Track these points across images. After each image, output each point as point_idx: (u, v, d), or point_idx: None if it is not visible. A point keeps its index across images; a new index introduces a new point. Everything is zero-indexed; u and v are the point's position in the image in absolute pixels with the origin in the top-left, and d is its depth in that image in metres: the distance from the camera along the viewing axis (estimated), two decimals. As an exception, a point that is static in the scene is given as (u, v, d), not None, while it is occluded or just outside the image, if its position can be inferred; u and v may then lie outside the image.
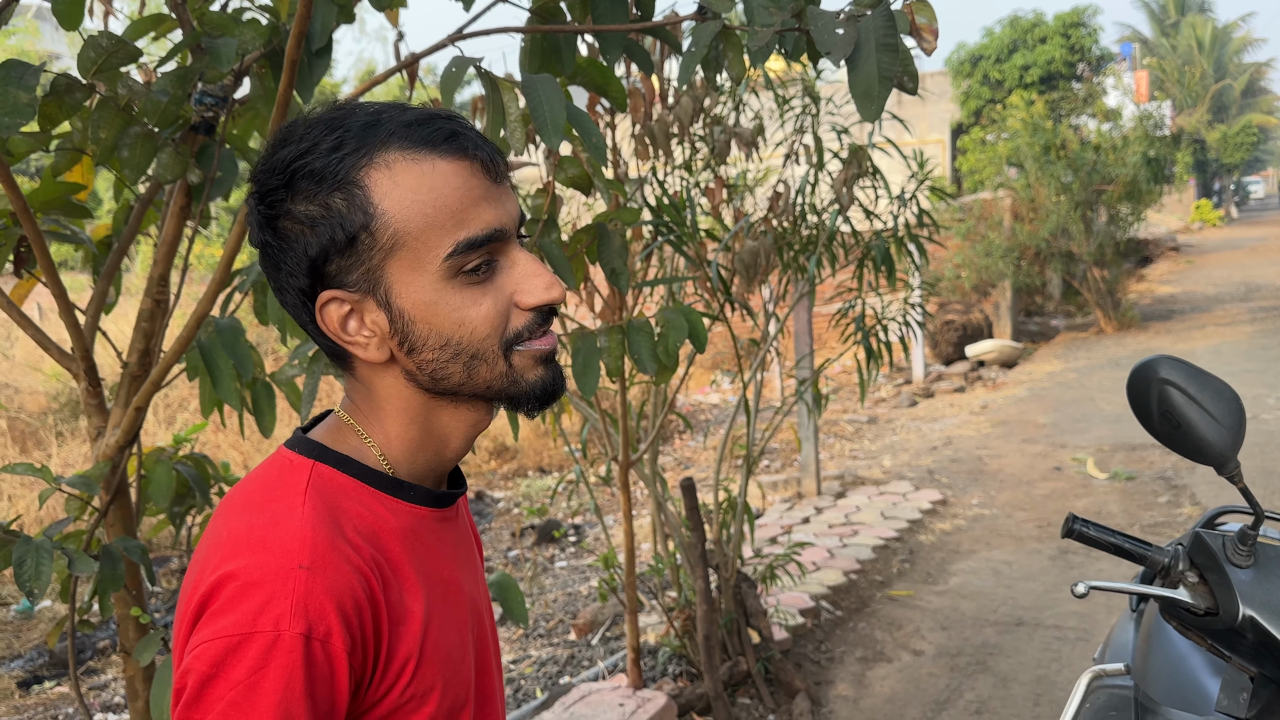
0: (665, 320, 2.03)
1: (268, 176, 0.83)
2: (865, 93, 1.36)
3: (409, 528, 0.87)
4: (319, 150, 0.81)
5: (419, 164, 0.82)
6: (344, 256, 0.82)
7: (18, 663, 4.42)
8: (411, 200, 0.81)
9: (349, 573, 0.79)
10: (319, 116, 0.84)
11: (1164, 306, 13.60)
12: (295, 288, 0.84)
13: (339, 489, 0.85)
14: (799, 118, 3.71)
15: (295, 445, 0.88)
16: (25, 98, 1.54)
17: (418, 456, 0.89)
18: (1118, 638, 1.88)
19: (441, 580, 0.89)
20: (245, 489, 0.86)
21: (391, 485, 0.87)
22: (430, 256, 0.82)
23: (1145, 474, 6.15)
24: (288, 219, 0.82)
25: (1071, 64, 19.28)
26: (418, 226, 0.81)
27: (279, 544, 0.78)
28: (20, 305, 1.96)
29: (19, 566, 1.54)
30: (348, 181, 0.81)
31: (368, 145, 0.81)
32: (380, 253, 0.82)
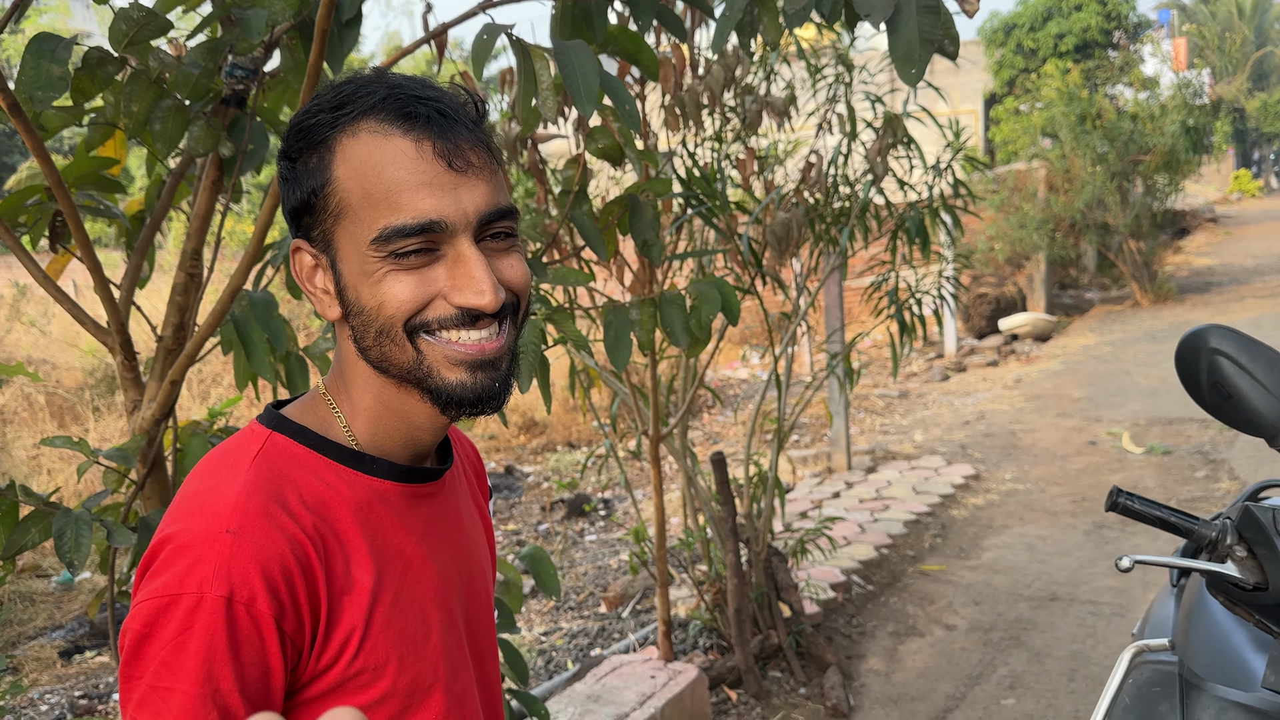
0: (698, 292, 2.01)
1: (287, 130, 0.88)
2: (906, 56, 1.33)
3: (363, 500, 0.87)
4: (316, 108, 0.85)
5: (378, 137, 0.83)
6: (310, 214, 0.86)
7: (59, 633, 4.51)
8: (357, 172, 0.83)
9: (279, 539, 0.80)
10: (342, 79, 0.87)
11: (1201, 279, 13.38)
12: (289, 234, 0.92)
13: (291, 459, 0.86)
14: (831, 87, 3.65)
15: (263, 416, 0.91)
16: (58, 71, 1.54)
17: (379, 429, 0.90)
18: (1158, 613, 1.85)
19: (401, 555, 0.89)
20: (209, 456, 0.89)
21: (349, 457, 0.88)
22: (363, 231, 0.83)
23: (1182, 448, 6.07)
24: (285, 169, 0.87)
25: (1108, 32, 18.90)
26: (357, 199, 0.83)
27: (212, 508, 0.80)
28: (56, 280, 1.97)
29: (59, 538, 1.56)
30: (322, 143, 0.84)
31: (353, 111, 0.83)
32: (330, 217, 0.85)
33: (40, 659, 4.19)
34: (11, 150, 19.36)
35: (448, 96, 0.85)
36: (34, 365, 9.25)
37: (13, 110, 1.58)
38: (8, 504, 1.65)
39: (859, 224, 3.52)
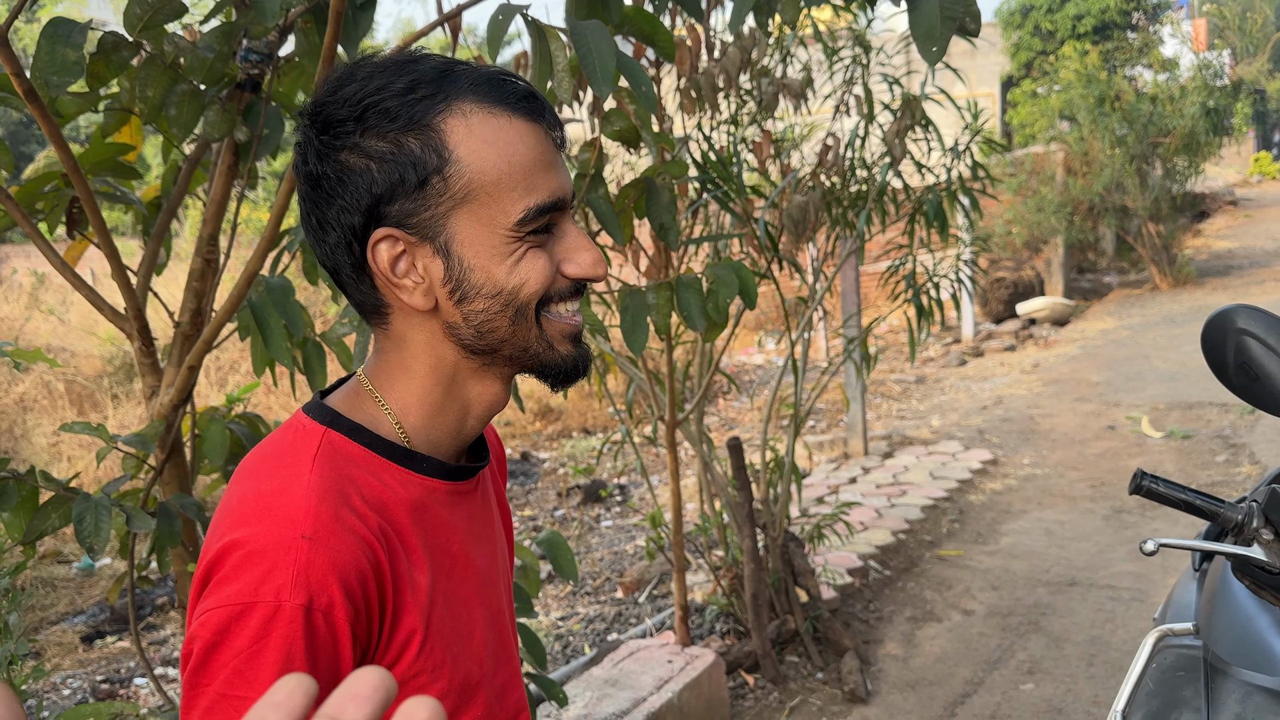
0: (715, 276, 2.00)
1: (335, 108, 0.81)
2: (927, 34, 1.31)
3: (418, 500, 0.86)
4: (391, 90, 0.80)
5: (495, 118, 0.81)
6: (410, 198, 0.80)
7: (80, 618, 4.55)
8: (488, 153, 0.81)
9: (353, 543, 0.78)
10: (386, 59, 0.83)
11: (1221, 262, 13.25)
12: (346, 224, 0.82)
13: (348, 458, 0.84)
14: (848, 69, 3.62)
15: (311, 410, 0.88)
16: (73, 55, 1.53)
17: (435, 423, 0.88)
18: (1180, 597, 1.83)
19: (449, 554, 0.88)
20: (260, 453, 0.86)
21: (402, 455, 0.86)
22: (501, 213, 0.82)
23: (1202, 432, 6.02)
24: (353, 152, 0.80)
25: (1126, 12, 18.68)
26: (491, 180, 0.81)
27: (283, 513, 0.78)
28: (73, 266, 1.98)
29: (79, 523, 1.56)
30: (424, 124, 0.80)
31: (445, 91, 0.80)
32: (449, 200, 0.81)
33: (62, 644, 4.23)
34: (29, 140, 19.47)
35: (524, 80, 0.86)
36: (53, 353, 9.32)
37: (29, 96, 1.58)
38: (28, 489, 1.66)
39: (876, 207, 3.49)
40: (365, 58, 0.85)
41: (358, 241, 0.83)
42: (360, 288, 0.86)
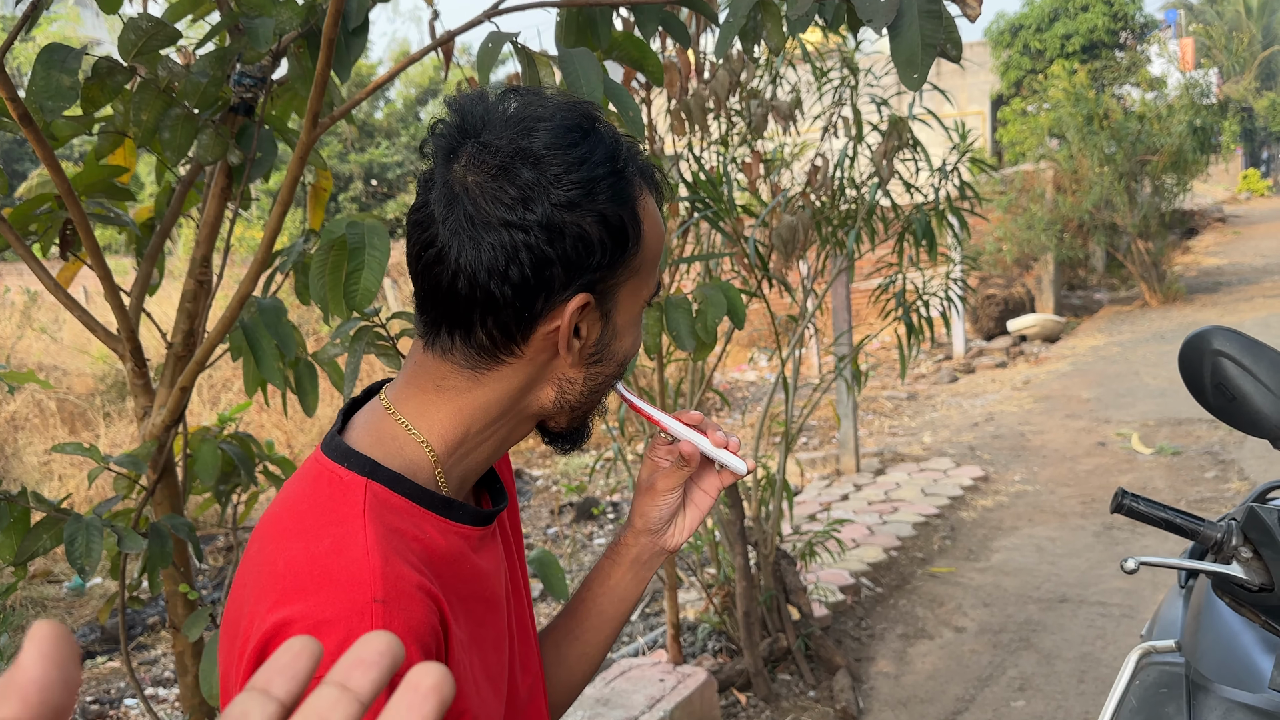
0: (703, 296, 2.02)
1: (567, 169, 0.80)
2: (908, 61, 1.33)
3: (456, 550, 0.85)
4: (608, 160, 0.82)
5: (651, 202, 0.88)
6: (612, 267, 0.83)
7: (71, 638, 4.53)
8: (655, 234, 0.87)
9: (423, 601, 0.76)
10: (576, 113, 0.83)
11: (1210, 279, 13.33)
12: (547, 275, 0.80)
13: (393, 510, 0.81)
14: (837, 90, 3.66)
15: (338, 454, 0.83)
16: (68, 81, 1.55)
17: (474, 457, 0.89)
18: (1166, 614, 1.85)
19: (483, 601, 0.88)
20: (294, 509, 0.81)
21: (442, 505, 0.84)
22: (648, 285, 0.88)
23: (1191, 449, 6.05)
24: (581, 213, 0.80)
25: (1114, 32, 18.86)
26: (653, 256, 0.88)
27: (347, 576, 0.73)
28: (66, 287, 1.99)
29: (70, 544, 1.57)
30: (632, 200, 0.84)
31: (633, 170, 0.85)
32: (628, 271, 0.85)
33: (52, 664, 4.21)
34: (22, 158, 19.48)
35: None
36: (45, 371, 9.30)
37: (24, 120, 1.60)
38: (19, 510, 1.67)
39: (865, 226, 3.52)
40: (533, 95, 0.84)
41: (547, 295, 0.81)
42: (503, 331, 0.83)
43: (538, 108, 0.82)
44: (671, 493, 0.99)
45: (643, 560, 1.03)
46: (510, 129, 0.81)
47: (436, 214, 0.82)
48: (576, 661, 1.06)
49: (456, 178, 0.81)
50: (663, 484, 0.98)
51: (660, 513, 1.00)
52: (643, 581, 1.04)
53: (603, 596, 1.04)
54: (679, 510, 1.01)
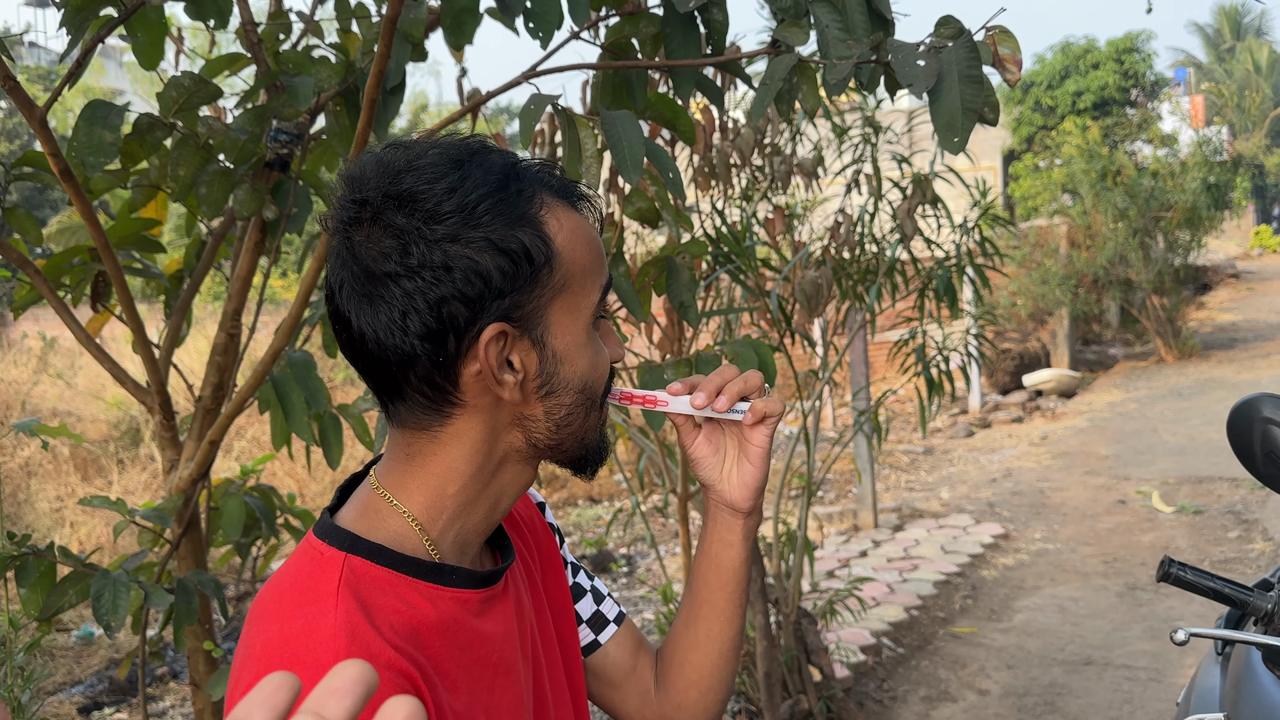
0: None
1: (433, 199, 0.78)
2: (948, 125, 1.34)
3: (450, 617, 0.82)
4: (488, 184, 0.80)
5: (570, 212, 0.84)
6: (520, 291, 0.80)
7: (79, 688, 4.48)
8: (577, 243, 0.83)
9: (390, 681, 0.74)
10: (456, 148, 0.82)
11: (1225, 334, 13.28)
12: (448, 315, 0.78)
13: (373, 584, 0.79)
14: (858, 147, 3.68)
15: (325, 533, 0.83)
16: (110, 137, 1.57)
17: (467, 521, 0.86)
18: (1204, 682, 1.81)
19: (489, 667, 0.84)
20: (278, 588, 0.81)
21: (430, 571, 0.82)
22: (586, 300, 0.84)
23: (1213, 508, 5.98)
24: (464, 244, 0.78)
25: (1125, 89, 19.02)
26: (580, 269, 0.83)
27: (312, 657, 0.74)
28: (95, 338, 1.99)
29: (97, 600, 1.55)
30: (529, 218, 0.80)
31: (532, 186, 0.82)
32: (550, 291, 0.81)
33: (59, 715, 4.17)
34: (41, 205, 19.72)
35: None
36: (59, 417, 9.32)
37: (64, 175, 1.61)
38: (46, 565, 1.65)
39: (886, 282, 3.52)
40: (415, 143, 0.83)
41: (455, 335, 0.79)
42: (430, 385, 0.81)
43: (411, 152, 0.82)
44: (700, 446, 0.97)
45: (720, 520, 1.00)
46: (380, 178, 0.80)
47: (334, 284, 0.82)
48: (706, 640, 1.04)
49: (344, 243, 0.81)
50: (685, 440, 0.97)
51: (705, 470, 0.98)
52: (730, 545, 1.00)
53: (703, 564, 1.03)
54: (735, 464, 0.97)
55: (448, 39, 1.51)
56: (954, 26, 1.41)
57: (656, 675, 1.08)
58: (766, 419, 0.94)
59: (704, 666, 1.05)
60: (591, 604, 1.07)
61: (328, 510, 0.87)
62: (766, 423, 0.94)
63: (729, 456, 0.97)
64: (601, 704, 1.08)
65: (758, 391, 0.94)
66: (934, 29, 1.43)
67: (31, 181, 1.87)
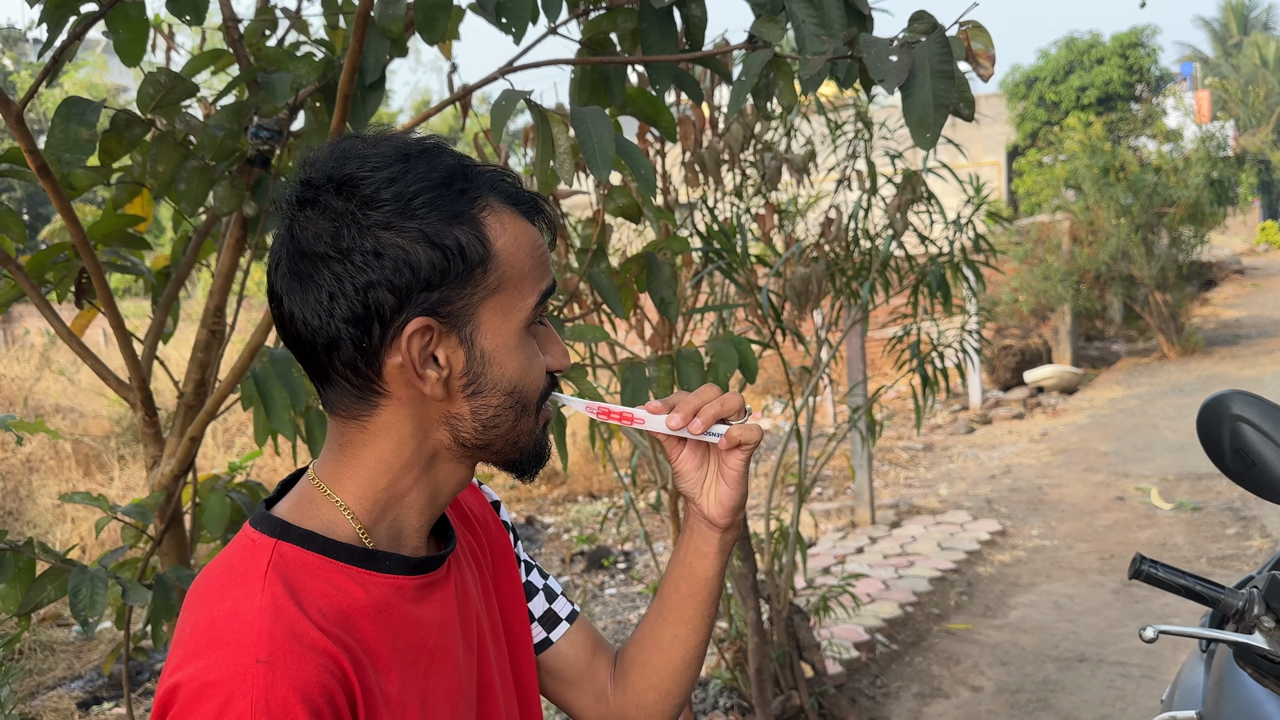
0: (715, 350, 2.01)
1: (372, 186, 0.79)
2: (920, 121, 1.33)
3: (381, 601, 0.83)
4: (432, 179, 0.80)
5: (514, 215, 0.85)
6: (450, 287, 0.80)
7: (78, 683, 4.50)
8: (517, 247, 0.84)
9: (314, 660, 0.75)
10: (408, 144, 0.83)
11: (1229, 331, 13.24)
12: (374, 301, 0.78)
13: (303, 568, 0.80)
14: (851, 143, 3.68)
15: (259, 523, 0.84)
16: (86, 134, 1.57)
17: (401, 513, 0.86)
18: (1187, 680, 1.80)
19: (424, 652, 0.85)
20: (209, 575, 0.82)
21: (362, 557, 0.83)
22: (521, 303, 0.84)
23: (1212, 504, 5.96)
24: (398, 233, 0.79)
25: (1130, 85, 18.95)
26: (518, 272, 0.83)
27: (235, 638, 0.74)
28: (81, 335, 2.00)
29: (74, 596, 1.56)
30: (468, 217, 0.81)
31: (478, 187, 0.82)
32: (483, 291, 0.81)
33: (59, 710, 4.18)
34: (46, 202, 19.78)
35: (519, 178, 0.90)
36: (62, 413, 9.35)
37: (41, 172, 1.61)
38: (24, 561, 1.66)
39: (880, 278, 3.52)
40: (374, 136, 0.84)
41: (380, 323, 0.79)
42: (355, 373, 0.81)
43: (366, 142, 0.83)
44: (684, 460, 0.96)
45: (698, 532, 1.00)
46: (329, 162, 0.82)
47: (272, 262, 0.83)
48: (671, 645, 1.05)
49: (286, 223, 0.82)
50: (670, 453, 0.97)
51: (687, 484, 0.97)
52: (705, 557, 1.00)
53: (677, 571, 1.03)
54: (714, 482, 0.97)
55: (422, 34, 1.51)
56: (927, 22, 1.41)
57: (616, 673, 1.08)
58: (742, 445, 0.94)
59: (666, 670, 1.05)
60: (544, 602, 1.08)
61: (265, 501, 0.88)
62: (742, 449, 0.94)
63: (710, 473, 0.97)
64: (557, 701, 1.09)
65: (736, 415, 0.93)
66: (907, 24, 1.42)
67: (11, 178, 1.88)
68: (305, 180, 0.82)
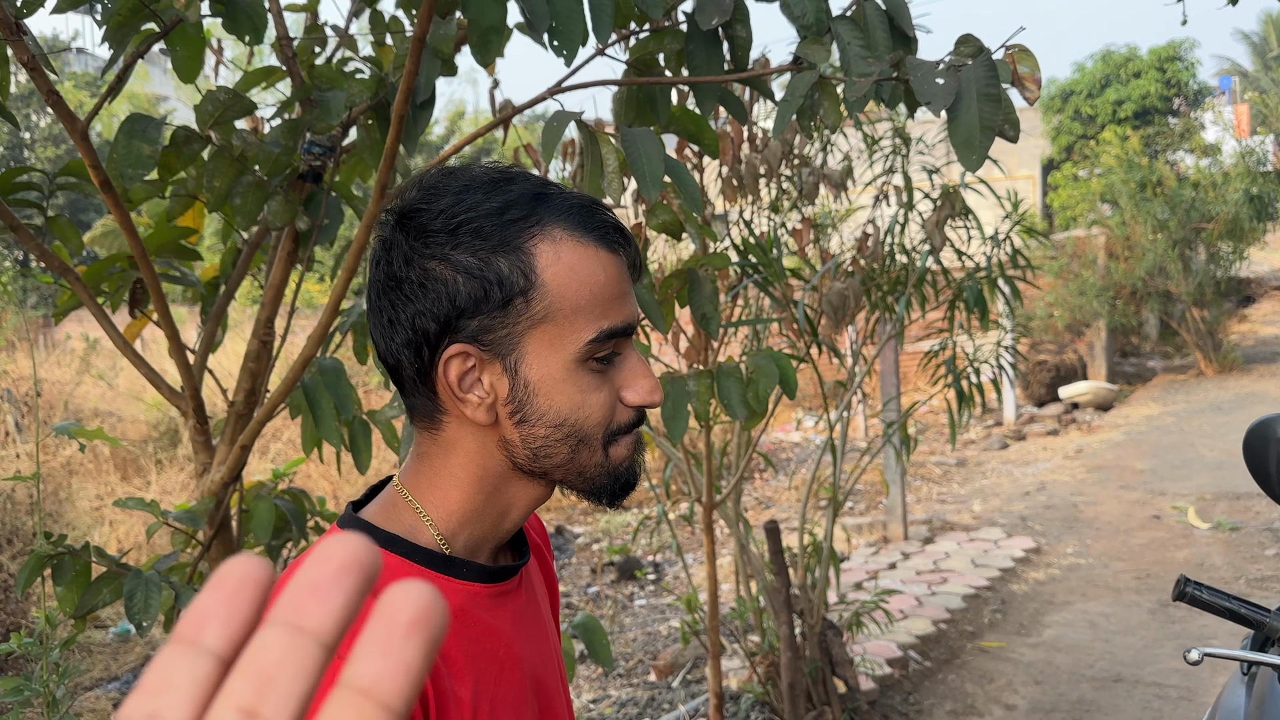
0: (755, 365, 2.02)
1: (428, 217, 0.83)
2: (966, 143, 1.34)
3: (459, 608, 0.85)
4: (484, 209, 0.83)
5: (583, 247, 0.83)
6: (490, 315, 0.82)
7: (114, 685, 4.57)
8: (571, 279, 0.83)
9: None
10: (481, 174, 0.85)
11: (1268, 348, 13.05)
12: (420, 329, 0.83)
13: (387, 571, 0.83)
14: (888, 158, 3.68)
15: (345, 524, 0.87)
16: (148, 150, 1.62)
17: (476, 527, 0.88)
18: (1228, 703, 1.79)
19: (496, 660, 0.87)
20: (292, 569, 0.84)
21: (441, 563, 0.85)
22: (572, 337, 0.83)
23: (1250, 524, 5.88)
24: (442, 263, 0.82)
25: (1167, 98, 18.76)
26: (570, 305, 0.83)
27: None
28: (132, 342, 2.05)
29: (129, 599, 1.60)
30: (514, 245, 0.82)
31: (538, 215, 0.83)
32: (527, 320, 0.82)
33: (95, 710, 4.25)
34: (87, 208, 20.11)
35: (609, 209, 0.88)
36: (100, 417, 9.50)
37: (104, 186, 1.66)
38: (81, 565, 1.70)
39: (916, 293, 3.52)
40: (459, 168, 0.87)
41: (428, 348, 0.83)
42: (419, 390, 0.86)
43: (451, 174, 0.86)
44: None
45: None
46: (407, 195, 0.86)
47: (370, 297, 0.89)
48: None
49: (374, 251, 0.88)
50: None
51: None
52: None
53: None
54: None
55: (475, 56, 1.54)
56: (973, 45, 1.42)
57: None
58: None
59: None
60: None
61: (352, 504, 0.91)
62: None
63: None
64: None
65: None
66: (953, 47, 1.44)
67: (74, 190, 1.93)
68: (386, 212, 0.87)
